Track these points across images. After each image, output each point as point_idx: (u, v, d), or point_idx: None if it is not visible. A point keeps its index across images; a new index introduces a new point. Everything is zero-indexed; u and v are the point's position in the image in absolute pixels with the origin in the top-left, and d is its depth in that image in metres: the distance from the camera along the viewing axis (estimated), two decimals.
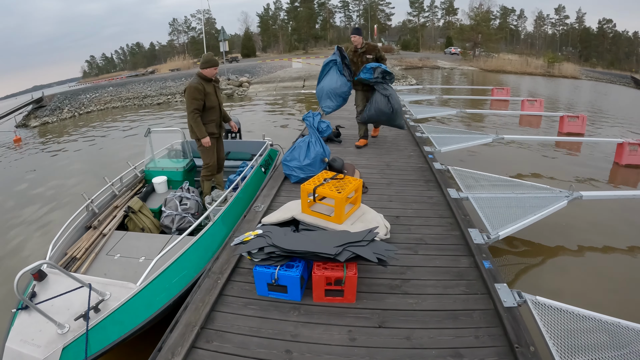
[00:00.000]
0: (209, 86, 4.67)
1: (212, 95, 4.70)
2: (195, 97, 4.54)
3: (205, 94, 4.61)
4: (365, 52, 6.21)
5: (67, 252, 3.74)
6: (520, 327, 2.33)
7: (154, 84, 27.74)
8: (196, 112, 4.59)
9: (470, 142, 7.01)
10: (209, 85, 4.67)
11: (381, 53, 6.30)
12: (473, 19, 51.48)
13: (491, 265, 2.97)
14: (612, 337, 2.32)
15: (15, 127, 17.65)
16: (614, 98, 21.66)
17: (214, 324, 2.52)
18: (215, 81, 4.85)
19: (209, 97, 4.65)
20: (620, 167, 7.80)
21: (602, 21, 68.36)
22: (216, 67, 4.69)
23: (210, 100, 4.68)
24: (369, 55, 6.19)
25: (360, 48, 6.22)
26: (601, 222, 5.44)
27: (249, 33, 74.27)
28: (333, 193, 3.17)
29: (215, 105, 4.78)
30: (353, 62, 6.33)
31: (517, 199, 4.28)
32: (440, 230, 3.66)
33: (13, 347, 2.46)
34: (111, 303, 2.78)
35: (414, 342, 2.30)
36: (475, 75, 32.46)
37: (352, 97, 6.76)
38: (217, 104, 4.83)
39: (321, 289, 2.59)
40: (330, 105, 6.29)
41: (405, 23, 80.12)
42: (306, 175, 4.67)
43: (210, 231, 3.76)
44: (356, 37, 6.19)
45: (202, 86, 4.59)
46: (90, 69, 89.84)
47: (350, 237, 2.69)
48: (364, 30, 58.14)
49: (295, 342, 2.33)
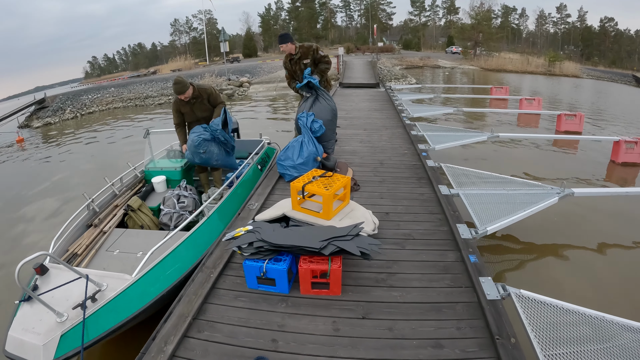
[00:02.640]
0: (185, 106, 5.11)
1: (188, 113, 5.16)
2: (173, 114, 5.22)
3: (182, 113, 5.18)
4: (301, 57, 5.62)
5: (68, 249, 3.87)
6: (503, 319, 2.38)
7: (155, 85, 27.85)
8: (175, 125, 5.27)
9: (465, 140, 7.09)
10: (184, 105, 5.10)
11: (318, 53, 5.63)
12: (474, 18, 51.40)
13: (477, 259, 3.04)
14: (595, 330, 2.36)
15: (18, 128, 17.81)
16: (615, 97, 21.67)
17: (206, 315, 2.62)
18: (195, 98, 5.06)
19: (186, 115, 5.19)
20: (617, 165, 7.86)
21: (604, 20, 68.31)
22: (182, 91, 4.88)
23: (188, 116, 5.20)
24: (305, 61, 5.59)
25: (295, 55, 5.62)
26: (593, 219, 5.51)
27: (250, 33, 74.40)
28: (321, 190, 3.27)
29: (192, 121, 5.20)
30: (293, 71, 5.79)
31: (508, 195, 4.33)
32: (428, 225, 3.73)
33: (15, 336, 2.60)
34: (107, 293, 2.92)
35: (396, 332, 2.39)
36: (476, 75, 32.46)
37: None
38: (196, 119, 5.18)
39: (307, 282, 2.69)
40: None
41: (406, 22, 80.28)
42: (299, 174, 4.73)
43: (204, 227, 3.87)
44: (285, 46, 5.54)
45: (178, 106, 5.13)
46: (92, 69, 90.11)
47: (335, 232, 2.79)
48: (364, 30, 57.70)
49: (281, 331, 2.43)
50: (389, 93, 13.57)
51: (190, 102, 5.04)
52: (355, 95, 13.62)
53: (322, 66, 5.64)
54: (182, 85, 4.85)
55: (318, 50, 5.58)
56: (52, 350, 2.52)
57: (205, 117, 5.17)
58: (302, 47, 5.57)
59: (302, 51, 5.56)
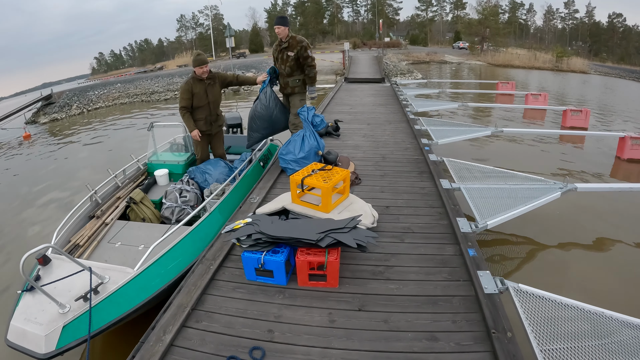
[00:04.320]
0: (198, 86, 4.93)
1: (200, 95, 4.96)
2: (182, 97, 4.93)
3: (193, 94, 4.91)
4: (287, 47, 5.25)
5: (70, 240, 3.92)
6: (499, 313, 2.38)
7: (161, 80, 28.01)
8: (183, 109, 4.97)
9: (468, 135, 7.06)
10: (198, 85, 4.93)
11: (306, 52, 5.22)
12: (481, 13, 50.95)
13: (476, 253, 3.03)
14: (594, 326, 2.35)
15: (25, 124, 17.92)
16: (623, 93, 21.42)
17: (204, 306, 2.65)
18: (210, 78, 5.02)
19: (197, 97, 4.95)
20: (622, 161, 7.79)
21: (612, 15, 67.33)
22: (202, 65, 4.86)
23: (198, 99, 4.97)
24: (290, 52, 5.23)
25: (284, 42, 5.27)
26: (596, 214, 5.48)
27: (256, 29, 74.31)
28: (320, 183, 3.29)
29: (203, 104, 5.05)
30: (275, 58, 5.52)
31: (509, 189, 4.31)
32: (428, 219, 3.73)
33: (17, 325, 2.64)
34: (109, 286, 2.95)
35: (391, 325, 2.40)
36: (482, 70, 32.24)
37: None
38: (207, 102, 5.06)
39: (305, 274, 2.70)
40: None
41: (413, 17, 79.69)
42: (301, 168, 4.75)
43: (206, 222, 3.90)
44: (279, 29, 5.16)
45: (191, 86, 4.91)
46: (98, 65, 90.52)
47: (333, 224, 2.80)
48: (370, 25, 57.21)
49: (277, 322, 2.45)
50: (394, 88, 13.52)
51: (205, 82, 4.98)
52: (360, 90, 13.58)
53: (311, 72, 5.37)
54: (204, 56, 4.89)
55: (306, 49, 5.23)
56: (54, 340, 2.55)
57: (214, 101, 5.17)
58: (293, 37, 5.24)
59: (291, 42, 5.22)
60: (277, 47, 5.41)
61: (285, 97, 5.68)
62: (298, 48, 5.19)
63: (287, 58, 5.27)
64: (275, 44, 5.47)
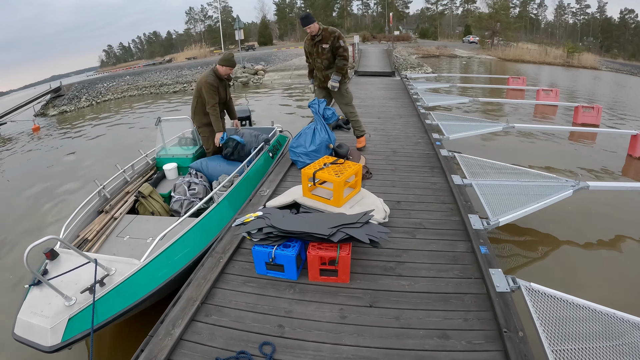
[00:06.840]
0: (220, 84, 5.06)
1: (220, 93, 5.10)
2: (212, 94, 4.95)
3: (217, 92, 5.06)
4: (321, 40, 5.26)
5: (79, 235, 3.90)
6: (511, 312, 2.35)
7: (170, 73, 28.03)
8: (217, 106, 5.04)
9: (480, 130, 6.97)
10: (220, 84, 5.06)
11: (338, 42, 5.22)
12: (491, 7, 50.44)
13: (487, 250, 3.00)
14: (605, 327, 2.31)
15: (34, 116, 18.03)
16: (635, 90, 21.10)
17: (214, 300, 2.65)
18: (228, 79, 5.16)
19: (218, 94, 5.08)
20: (634, 159, 7.66)
21: (624, 11, 66.35)
22: (232, 67, 4.99)
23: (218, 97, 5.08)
24: (324, 45, 5.25)
25: (317, 36, 5.27)
26: (608, 213, 5.39)
27: (265, 21, 74.17)
28: (332, 177, 3.26)
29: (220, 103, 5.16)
30: (310, 53, 5.55)
31: (522, 186, 4.26)
32: (440, 215, 3.70)
33: (24, 319, 2.63)
34: (116, 278, 2.94)
35: (402, 322, 2.38)
36: (493, 65, 31.90)
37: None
38: (223, 101, 5.21)
39: (316, 269, 2.68)
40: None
41: (423, 11, 79.25)
42: (312, 161, 4.70)
43: (213, 213, 3.87)
44: (310, 27, 5.16)
45: (217, 83, 5.01)
46: (107, 58, 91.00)
47: (345, 219, 2.77)
48: (380, 19, 56.96)
49: (288, 317, 2.44)
50: (404, 82, 13.44)
51: (224, 82, 5.14)
52: (370, 84, 13.51)
53: (340, 62, 5.31)
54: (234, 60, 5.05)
55: (339, 39, 5.20)
56: (60, 333, 2.55)
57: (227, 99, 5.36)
58: (325, 30, 5.22)
59: (324, 34, 5.21)
60: (309, 41, 5.41)
61: (324, 90, 5.66)
62: (332, 39, 5.18)
63: (322, 51, 5.28)
64: (307, 38, 5.47)
